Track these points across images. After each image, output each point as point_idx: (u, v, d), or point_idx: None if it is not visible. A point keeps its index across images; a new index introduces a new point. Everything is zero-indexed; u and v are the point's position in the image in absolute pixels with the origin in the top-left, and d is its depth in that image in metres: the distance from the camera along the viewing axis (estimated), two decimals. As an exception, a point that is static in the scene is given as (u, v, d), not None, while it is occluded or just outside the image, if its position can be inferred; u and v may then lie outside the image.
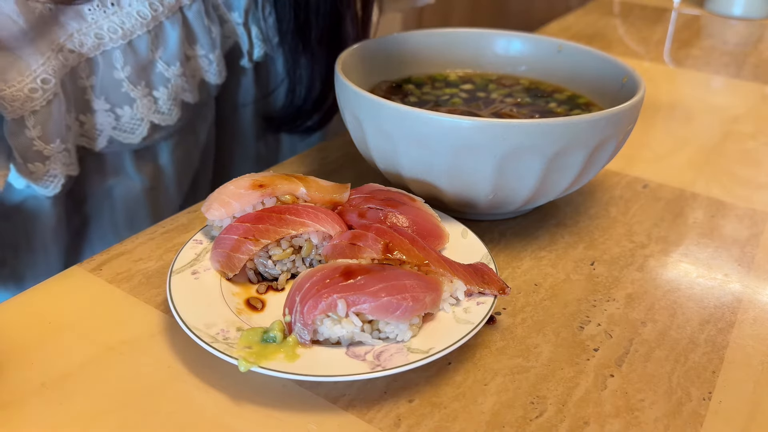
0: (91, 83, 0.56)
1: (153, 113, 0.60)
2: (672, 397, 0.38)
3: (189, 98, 0.63)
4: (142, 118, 0.59)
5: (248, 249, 0.42)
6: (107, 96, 0.57)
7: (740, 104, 0.87)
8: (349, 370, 0.35)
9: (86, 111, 0.57)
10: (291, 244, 0.44)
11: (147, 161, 0.64)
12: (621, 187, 0.62)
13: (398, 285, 0.37)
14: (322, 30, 0.66)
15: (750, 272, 0.50)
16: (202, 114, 0.68)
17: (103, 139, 0.59)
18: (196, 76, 0.63)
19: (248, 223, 0.43)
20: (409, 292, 0.37)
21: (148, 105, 0.59)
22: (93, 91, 0.56)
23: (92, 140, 0.59)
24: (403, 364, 0.35)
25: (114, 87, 0.57)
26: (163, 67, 0.59)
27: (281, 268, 0.44)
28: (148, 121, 0.60)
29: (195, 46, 0.62)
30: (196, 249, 0.45)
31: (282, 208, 0.44)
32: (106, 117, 0.58)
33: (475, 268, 0.42)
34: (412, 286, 0.37)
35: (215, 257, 0.43)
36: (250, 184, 0.45)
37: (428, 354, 0.36)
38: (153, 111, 0.60)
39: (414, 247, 0.41)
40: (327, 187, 0.47)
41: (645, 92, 0.51)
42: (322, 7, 0.65)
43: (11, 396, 0.36)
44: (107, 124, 0.58)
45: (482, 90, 0.62)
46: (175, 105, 0.61)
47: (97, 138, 0.59)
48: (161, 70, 0.59)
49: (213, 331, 0.37)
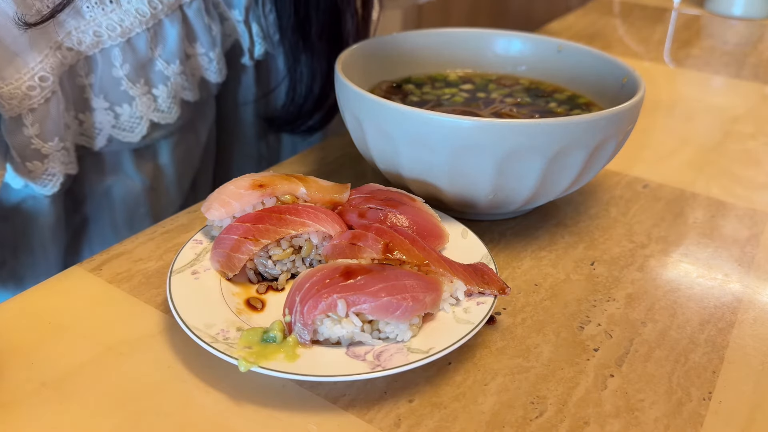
0: (90, 81, 0.56)
1: (152, 111, 0.60)
2: (672, 397, 0.38)
3: (189, 96, 0.63)
4: (142, 116, 0.59)
5: (248, 249, 0.42)
6: (106, 94, 0.57)
7: (740, 104, 0.87)
8: (349, 370, 0.35)
9: (85, 109, 0.57)
10: (291, 244, 0.44)
11: (147, 160, 0.64)
12: (621, 187, 0.62)
13: (398, 285, 0.37)
14: (322, 26, 0.66)
15: (750, 272, 0.50)
16: (202, 112, 0.68)
17: (102, 137, 0.59)
18: (196, 74, 0.63)
19: (248, 223, 0.43)
20: (410, 292, 0.37)
21: (148, 103, 0.59)
22: (92, 89, 0.56)
23: (91, 139, 0.59)
24: (403, 364, 0.35)
25: (113, 85, 0.57)
26: (162, 65, 0.59)
27: (281, 268, 0.44)
28: (147, 120, 0.59)
29: (195, 44, 0.62)
30: (196, 249, 0.45)
31: (282, 208, 0.44)
32: (106, 115, 0.58)
33: (475, 268, 0.42)
34: (412, 286, 0.37)
35: (215, 257, 0.43)
36: (250, 184, 0.45)
37: (428, 354, 0.36)
38: (152, 109, 0.59)
39: (414, 247, 0.41)
40: (327, 187, 0.47)
41: (645, 92, 0.51)
42: (322, 3, 0.65)
43: (11, 396, 0.36)
44: (106, 123, 0.58)
45: (482, 90, 0.62)
46: (175, 103, 0.61)
47: (96, 137, 0.59)
48: (161, 68, 0.59)
49: (213, 331, 0.37)
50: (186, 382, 0.38)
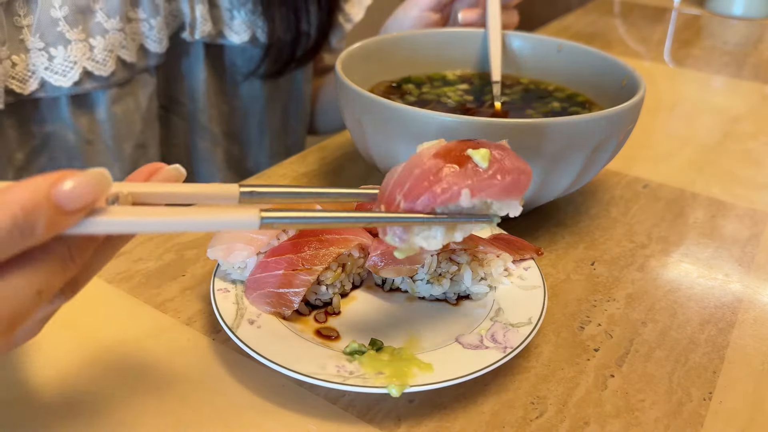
0: (28, 23, 0.57)
1: (87, 59, 0.61)
2: (672, 397, 0.38)
3: (126, 56, 0.64)
4: (76, 61, 0.60)
5: (303, 280, 0.39)
6: (42, 34, 0.58)
7: (740, 104, 0.87)
8: (485, 360, 0.36)
9: (20, 51, 0.58)
10: (338, 263, 0.42)
11: (83, 111, 0.65)
12: (621, 187, 0.62)
13: (504, 167, 0.34)
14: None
15: (750, 272, 0.50)
16: (143, 80, 0.68)
17: (35, 81, 0.60)
18: (136, 39, 0.65)
19: (290, 254, 0.40)
20: (516, 170, 0.34)
21: (83, 50, 0.60)
22: (29, 30, 0.58)
23: (24, 82, 0.60)
24: (528, 335, 0.38)
25: (50, 25, 0.58)
26: (102, 17, 0.60)
27: (333, 291, 0.42)
28: (81, 66, 0.61)
29: (137, 9, 0.63)
30: (229, 298, 0.41)
31: (315, 231, 0.41)
32: (40, 57, 0.59)
33: (504, 240, 0.45)
34: (511, 164, 0.34)
35: (260, 300, 0.40)
36: None
37: (533, 323, 0.39)
38: (87, 57, 0.61)
39: None
40: (333, 205, 0.45)
41: (645, 92, 0.51)
42: None
43: (12, 396, 0.36)
44: (40, 65, 0.59)
45: (482, 90, 0.62)
46: (111, 58, 0.62)
47: (28, 80, 0.60)
48: (100, 20, 0.60)
49: (331, 371, 0.35)
50: (186, 382, 0.38)
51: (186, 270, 0.47)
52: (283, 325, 0.39)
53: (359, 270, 0.44)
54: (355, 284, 0.44)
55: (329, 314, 0.41)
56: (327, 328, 0.40)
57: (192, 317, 0.43)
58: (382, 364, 0.36)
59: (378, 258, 0.41)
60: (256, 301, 0.40)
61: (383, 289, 0.44)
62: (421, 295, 0.43)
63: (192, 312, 0.43)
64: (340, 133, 0.70)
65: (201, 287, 0.45)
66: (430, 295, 0.43)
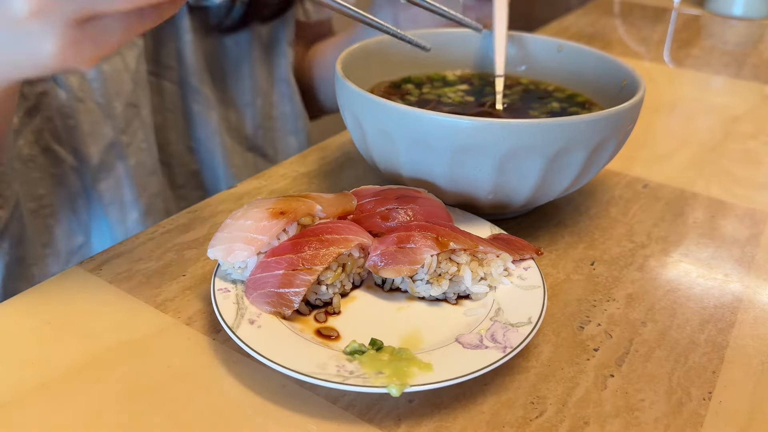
0: None
1: None
2: (672, 397, 0.38)
3: None
4: None
5: (304, 280, 0.40)
6: None
7: (740, 104, 0.87)
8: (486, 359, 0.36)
9: None
10: (338, 263, 0.42)
11: None
12: (621, 187, 0.62)
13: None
14: None
15: (750, 272, 0.50)
16: None
17: None
18: None
19: (290, 254, 0.40)
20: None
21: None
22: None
23: None
24: (528, 334, 0.38)
25: None
26: None
27: (333, 291, 0.42)
28: None
29: None
30: (230, 298, 0.41)
31: (316, 230, 0.41)
32: None
33: (503, 240, 0.45)
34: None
35: (261, 299, 0.40)
36: (270, 214, 0.42)
37: (533, 322, 0.39)
38: None
39: (459, 234, 0.42)
40: (335, 200, 0.46)
41: (645, 92, 0.51)
42: None
43: (11, 396, 0.36)
44: None
45: (482, 90, 0.62)
46: None
47: None
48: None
49: (332, 370, 0.35)
50: (185, 382, 0.38)
51: (186, 270, 0.47)
52: (283, 325, 0.39)
53: (359, 270, 0.44)
54: (355, 284, 0.44)
55: (329, 314, 0.41)
56: (327, 327, 0.40)
57: (192, 317, 0.43)
58: (382, 363, 0.36)
59: (378, 258, 0.42)
60: (257, 300, 0.40)
61: (383, 289, 0.44)
62: (421, 295, 0.43)
63: (192, 312, 0.43)
64: (340, 134, 0.71)
65: (201, 287, 0.45)
66: (430, 295, 0.43)
